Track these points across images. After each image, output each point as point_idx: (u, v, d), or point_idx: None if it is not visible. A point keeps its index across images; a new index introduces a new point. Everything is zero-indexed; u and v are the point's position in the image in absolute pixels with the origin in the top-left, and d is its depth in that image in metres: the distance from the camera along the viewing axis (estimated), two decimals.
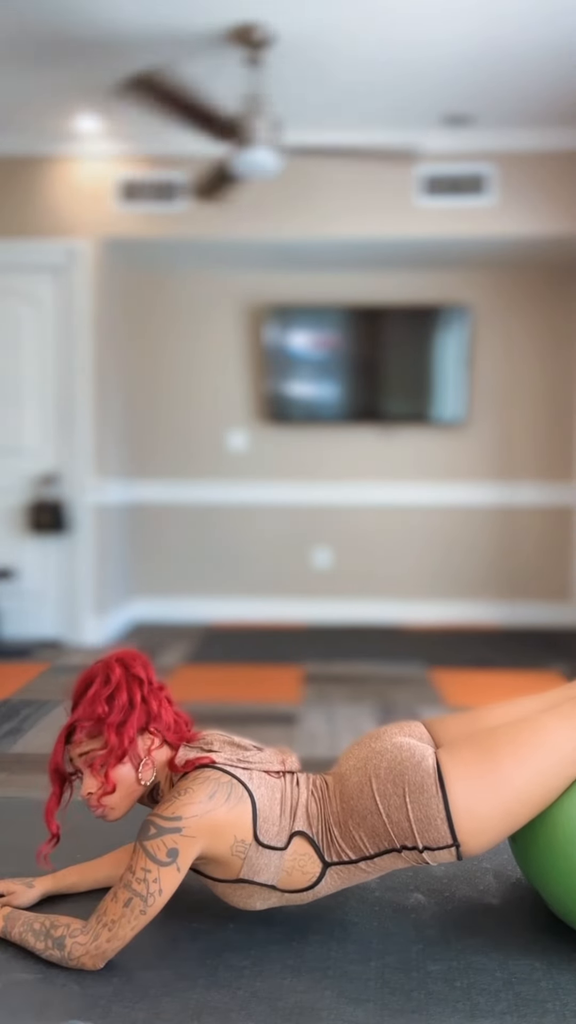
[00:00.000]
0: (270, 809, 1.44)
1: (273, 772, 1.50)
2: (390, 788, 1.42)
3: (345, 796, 1.45)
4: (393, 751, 1.46)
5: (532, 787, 1.40)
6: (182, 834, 1.36)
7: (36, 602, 5.25)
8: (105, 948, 1.36)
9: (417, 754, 1.45)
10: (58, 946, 1.39)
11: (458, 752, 1.44)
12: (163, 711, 1.49)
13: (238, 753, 1.50)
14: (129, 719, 1.45)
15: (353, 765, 1.48)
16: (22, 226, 5.10)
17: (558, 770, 1.41)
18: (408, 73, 4.20)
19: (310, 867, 1.43)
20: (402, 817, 1.40)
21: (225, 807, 1.39)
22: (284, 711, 3.71)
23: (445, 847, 1.40)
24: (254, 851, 1.41)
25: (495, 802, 1.40)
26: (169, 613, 5.99)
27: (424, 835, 1.40)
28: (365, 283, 5.87)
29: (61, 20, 3.72)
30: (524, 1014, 1.28)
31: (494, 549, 5.93)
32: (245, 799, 1.42)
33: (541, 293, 5.84)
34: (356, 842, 1.43)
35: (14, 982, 1.36)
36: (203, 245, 5.26)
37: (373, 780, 1.43)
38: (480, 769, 1.41)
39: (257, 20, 3.72)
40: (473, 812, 1.39)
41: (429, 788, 1.40)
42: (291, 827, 1.44)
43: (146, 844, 1.36)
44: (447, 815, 1.39)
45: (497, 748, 1.43)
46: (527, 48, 3.95)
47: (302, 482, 5.96)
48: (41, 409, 5.21)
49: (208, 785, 1.40)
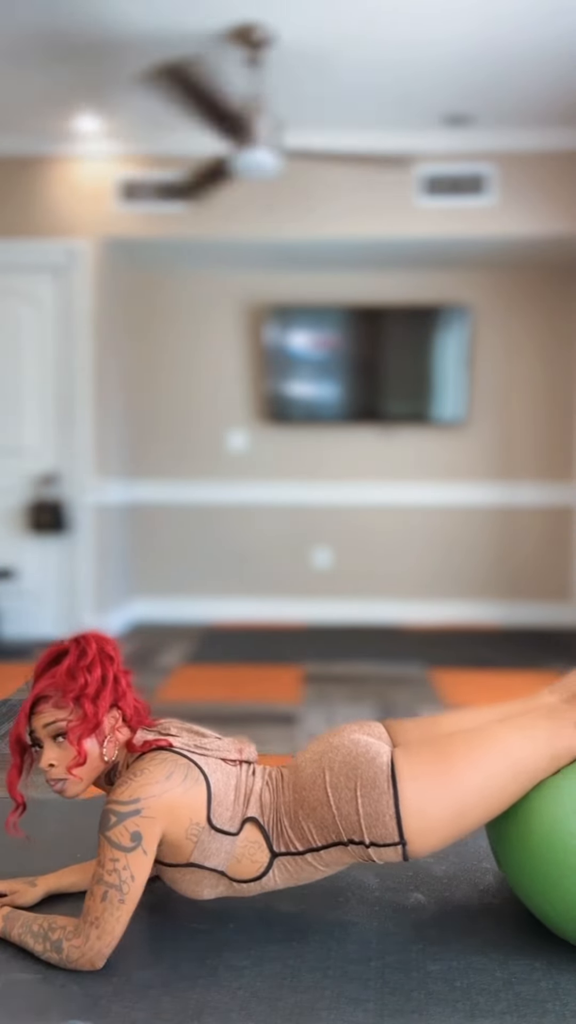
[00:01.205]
0: (224, 794, 1.45)
1: (229, 760, 1.52)
2: (342, 781, 1.44)
3: (298, 787, 1.47)
4: (349, 746, 1.48)
5: (483, 793, 1.42)
6: (142, 815, 1.37)
7: (36, 602, 5.25)
8: (99, 946, 1.37)
9: (372, 751, 1.47)
10: (56, 949, 1.39)
11: (414, 753, 1.46)
12: (128, 693, 1.52)
13: (196, 739, 1.52)
14: (103, 693, 1.47)
15: (309, 758, 1.50)
16: (22, 226, 5.10)
17: (509, 779, 1.43)
18: (408, 73, 4.20)
19: (259, 856, 1.45)
20: (351, 811, 1.42)
21: (181, 788, 1.41)
22: (284, 711, 3.71)
23: (391, 844, 1.42)
24: (207, 835, 1.42)
25: (445, 804, 1.41)
26: (169, 613, 5.99)
27: (372, 830, 1.41)
28: (365, 283, 5.87)
29: (61, 20, 3.72)
30: (524, 1014, 1.28)
31: (494, 549, 5.93)
32: (200, 781, 1.43)
33: (541, 293, 5.84)
34: (305, 833, 1.44)
35: (14, 982, 1.36)
36: (203, 245, 5.26)
37: (327, 772, 1.45)
38: (433, 771, 1.43)
39: (257, 20, 3.72)
40: (422, 812, 1.41)
41: (381, 784, 1.42)
42: (244, 813, 1.45)
43: (108, 834, 1.37)
44: (396, 813, 1.41)
45: (452, 752, 1.45)
46: (527, 48, 3.95)
47: (302, 482, 5.96)
48: (41, 409, 5.21)
49: (165, 766, 1.42)
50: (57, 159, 5.08)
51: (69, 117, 4.72)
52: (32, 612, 5.25)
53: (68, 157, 5.07)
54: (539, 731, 1.46)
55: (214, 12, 3.65)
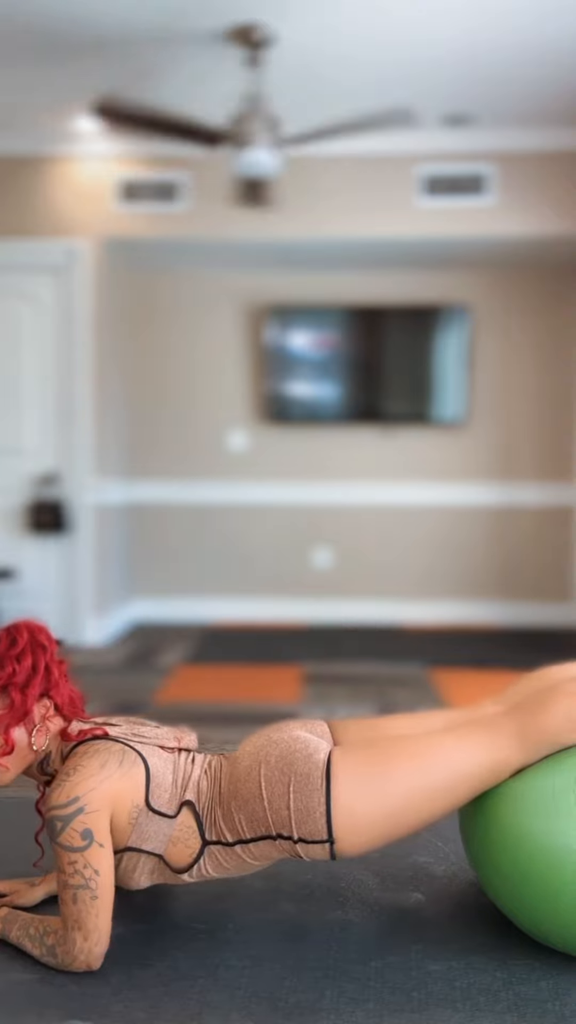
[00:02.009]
0: (163, 776, 1.46)
1: (167, 748, 1.53)
2: (277, 776, 1.44)
3: (233, 778, 1.47)
4: (288, 741, 1.48)
5: (417, 799, 1.42)
6: (86, 812, 1.37)
7: (36, 602, 5.25)
8: (88, 947, 1.37)
9: (311, 747, 1.47)
10: (51, 954, 1.40)
11: (352, 753, 1.46)
12: (61, 682, 1.52)
13: (133, 728, 1.53)
14: (32, 682, 1.47)
15: (248, 751, 1.50)
16: (22, 226, 5.10)
17: (446, 788, 1.43)
18: (408, 73, 4.20)
19: (192, 842, 1.45)
20: (282, 805, 1.42)
21: (119, 773, 1.41)
22: (284, 711, 3.71)
23: (319, 842, 1.42)
24: (145, 816, 1.43)
25: (377, 806, 1.41)
26: (169, 613, 5.99)
27: (301, 826, 1.41)
28: (365, 283, 5.88)
29: (61, 20, 3.72)
30: (524, 1014, 1.28)
31: (494, 549, 5.93)
32: (138, 763, 1.44)
33: (541, 293, 5.84)
34: (235, 824, 1.44)
35: (14, 982, 1.36)
36: (203, 245, 5.26)
37: (262, 766, 1.45)
38: (369, 772, 1.43)
39: (257, 20, 3.72)
40: (353, 812, 1.41)
41: (314, 781, 1.42)
42: (181, 796, 1.46)
43: (59, 840, 1.37)
44: (327, 810, 1.41)
45: (390, 756, 1.45)
46: (527, 48, 3.95)
47: (302, 482, 5.96)
48: (41, 409, 5.21)
49: (98, 757, 1.42)
50: (57, 159, 5.08)
51: (69, 117, 4.72)
52: (32, 612, 5.24)
53: (68, 157, 5.07)
54: (477, 743, 1.45)
55: (214, 12, 3.65)
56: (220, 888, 1.67)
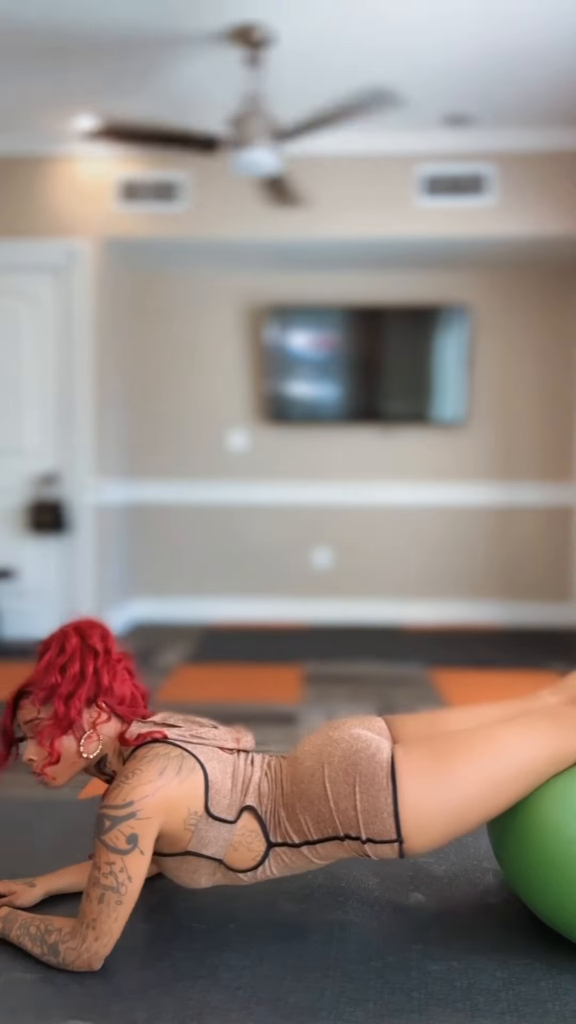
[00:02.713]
0: (222, 782, 1.45)
1: (227, 749, 1.52)
2: (341, 776, 1.43)
3: (296, 779, 1.46)
4: (350, 740, 1.47)
5: (482, 793, 1.42)
6: (137, 818, 1.36)
7: (36, 602, 5.25)
8: (96, 948, 1.36)
9: (372, 746, 1.46)
10: (53, 952, 1.39)
11: (414, 750, 1.46)
12: (116, 684, 1.50)
13: (192, 729, 1.52)
14: (78, 690, 1.47)
15: (308, 751, 1.50)
16: (22, 226, 5.10)
17: (509, 780, 1.43)
18: (408, 73, 4.20)
19: (256, 845, 1.45)
20: (349, 806, 1.42)
21: (176, 781, 1.40)
22: (284, 711, 3.71)
23: (388, 841, 1.41)
24: (204, 823, 1.42)
25: (443, 803, 1.41)
26: (169, 613, 5.99)
27: (369, 827, 1.41)
28: (365, 283, 5.88)
29: (61, 20, 3.72)
30: (524, 1014, 1.28)
31: (494, 549, 5.93)
32: (197, 770, 1.43)
33: (541, 293, 5.84)
34: (301, 825, 1.44)
35: (14, 982, 1.37)
36: (203, 245, 5.26)
37: (326, 767, 1.44)
38: (433, 769, 1.42)
39: (257, 20, 3.72)
40: (420, 810, 1.40)
41: (380, 781, 1.41)
42: (241, 801, 1.45)
43: (104, 838, 1.36)
44: (394, 810, 1.40)
45: (452, 751, 1.44)
46: (527, 49, 3.95)
47: (302, 482, 5.96)
48: (41, 409, 5.21)
49: (157, 762, 1.41)
50: (57, 159, 5.08)
51: (69, 117, 4.72)
52: (32, 612, 5.25)
53: (68, 157, 5.07)
54: (541, 733, 1.46)
55: (214, 12, 3.65)
56: (221, 888, 1.67)
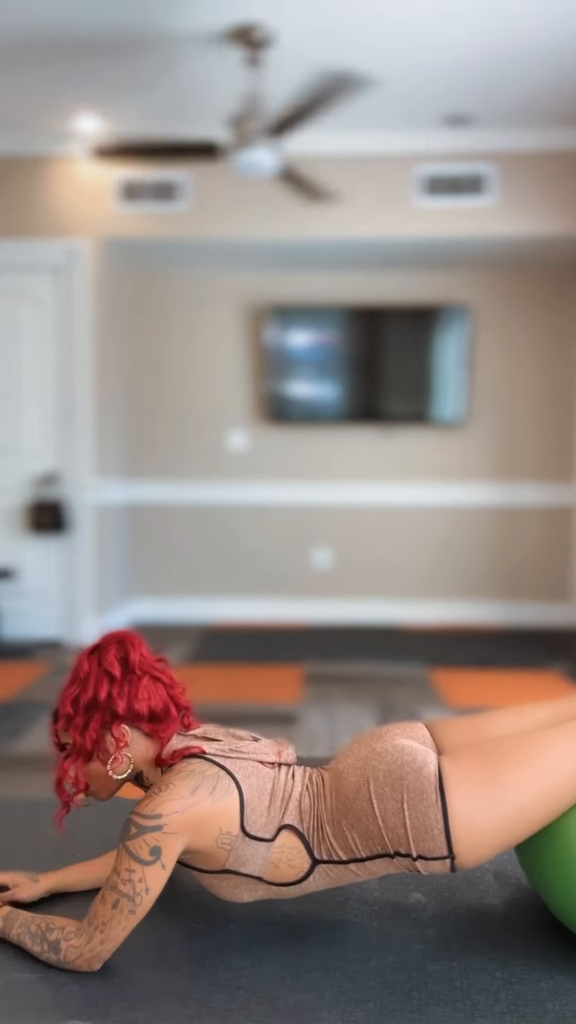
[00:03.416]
0: (259, 800, 1.42)
1: (267, 763, 1.48)
2: (388, 792, 1.38)
3: (341, 795, 1.42)
4: (394, 753, 1.42)
5: (534, 805, 1.37)
6: (163, 832, 1.34)
7: (36, 602, 5.25)
8: (99, 950, 1.36)
9: (419, 759, 1.41)
10: (53, 950, 1.39)
11: (462, 761, 1.40)
12: (139, 703, 1.46)
13: (232, 743, 1.48)
14: (92, 720, 1.44)
15: (351, 764, 1.45)
16: (22, 226, 5.10)
17: (561, 790, 1.38)
18: (408, 74, 4.20)
19: (298, 862, 1.41)
20: (398, 823, 1.37)
21: (209, 800, 1.37)
22: (284, 711, 3.71)
23: (440, 858, 1.37)
24: (240, 842, 1.39)
25: (495, 816, 1.36)
26: (169, 613, 5.99)
27: (419, 844, 1.37)
28: (365, 283, 5.88)
29: (61, 20, 3.72)
30: (524, 1014, 1.28)
31: (494, 549, 5.93)
32: (232, 790, 1.40)
33: (541, 293, 5.84)
34: (348, 843, 1.40)
35: (14, 982, 1.36)
36: (203, 245, 5.26)
37: (371, 782, 1.40)
38: (483, 781, 1.37)
39: (257, 20, 3.72)
40: (472, 825, 1.36)
41: (429, 796, 1.37)
42: (280, 819, 1.42)
43: (128, 844, 1.35)
44: (445, 826, 1.36)
45: (502, 761, 1.39)
46: (527, 49, 3.95)
47: (302, 482, 5.96)
48: (41, 409, 5.21)
49: (191, 779, 1.39)
50: (57, 159, 5.08)
51: (69, 117, 4.72)
52: (32, 612, 5.25)
53: (68, 157, 5.07)
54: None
55: (214, 12, 3.65)
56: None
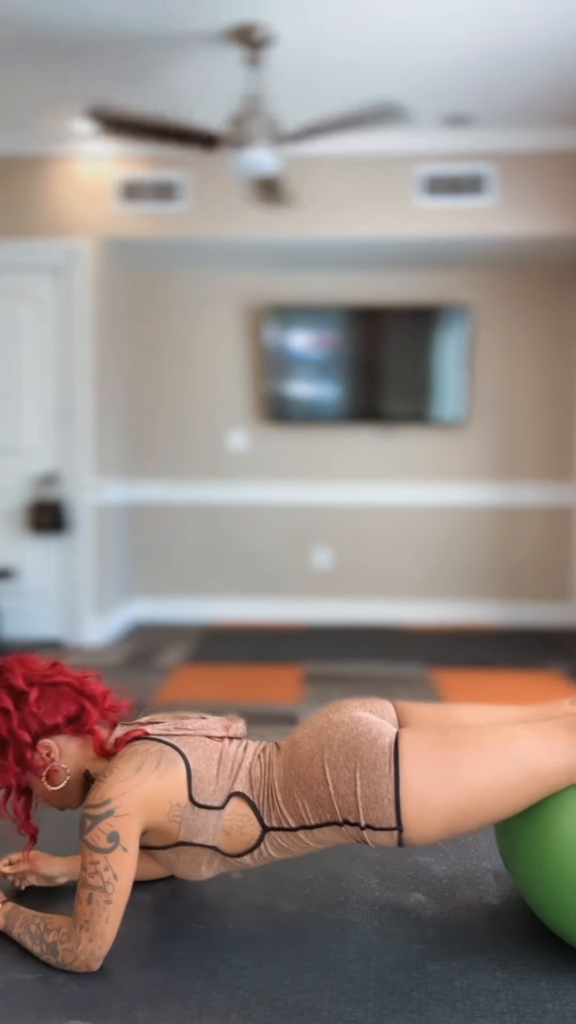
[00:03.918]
0: (206, 769, 1.44)
1: (215, 737, 1.50)
2: (342, 760, 1.39)
3: (294, 763, 1.43)
4: (350, 724, 1.43)
5: (488, 792, 1.36)
6: (115, 815, 1.36)
7: (36, 602, 5.25)
8: (91, 949, 1.36)
9: (375, 731, 1.42)
10: (51, 952, 1.40)
11: (422, 737, 1.40)
12: (47, 718, 1.49)
13: (176, 723, 1.50)
14: (6, 758, 1.48)
15: (307, 733, 1.46)
16: (22, 226, 5.10)
17: (517, 784, 1.37)
18: (408, 73, 4.20)
19: (249, 829, 1.43)
20: (349, 791, 1.38)
21: (155, 775, 1.40)
22: (284, 711, 3.71)
23: (387, 829, 1.37)
24: (190, 812, 1.41)
25: (447, 796, 1.36)
26: (169, 613, 5.99)
27: (369, 813, 1.37)
28: (365, 283, 5.88)
29: (61, 20, 3.72)
30: (524, 1014, 1.28)
31: (494, 549, 5.93)
32: (177, 761, 1.42)
33: (541, 293, 5.84)
34: (298, 810, 1.41)
35: (14, 982, 1.36)
36: (203, 245, 5.26)
37: (325, 751, 1.41)
38: (440, 759, 1.37)
39: (257, 20, 3.72)
40: (423, 799, 1.36)
41: (382, 767, 1.37)
42: (230, 787, 1.43)
43: (86, 838, 1.37)
44: (396, 797, 1.36)
45: (461, 744, 1.38)
46: (527, 49, 3.95)
47: (302, 482, 5.96)
48: (41, 409, 5.21)
49: (135, 759, 1.41)
50: (57, 159, 5.08)
51: (69, 117, 4.72)
52: (32, 612, 5.25)
53: (68, 157, 5.07)
54: (558, 742, 1.39)
55: (214, 12, 3.65)
56: (220, 888, 1.67)
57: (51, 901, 1.64)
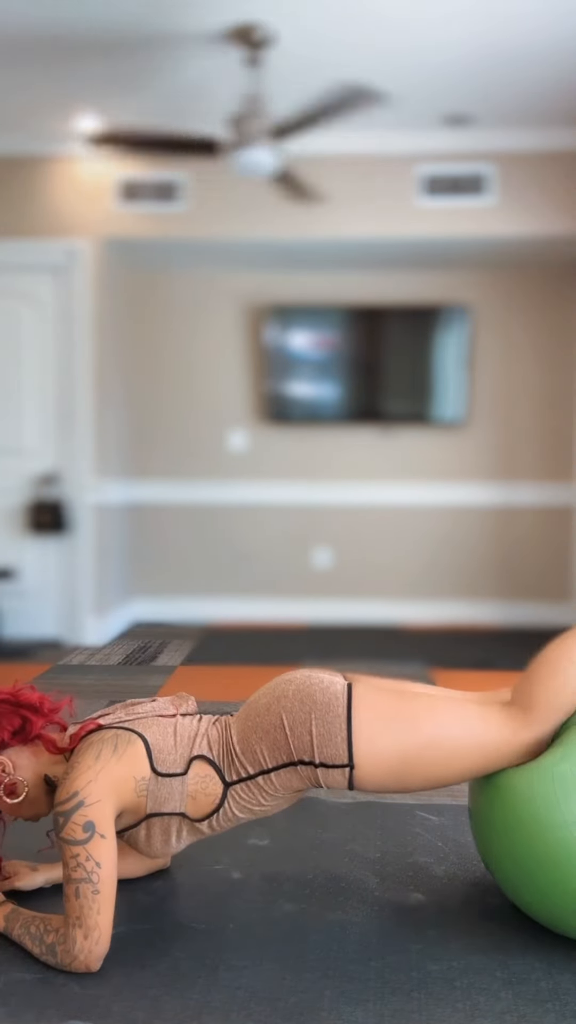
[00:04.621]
0: (164, 740, 1.49)
1: (167, 715, 1.56)
2: (297, 707, 1.48)
3: (251, 716, 1.51)
4: (303, 678, 1.54)
5: (436, 748, 1.45)
6: (86, 805, 1.39)
7: (36, 602, 5.25)
8: (88, 946, 1.36)
9: (326, 680, 1.52)
10: (51, 952, 1.40)
11: (373, 688, 1.51)
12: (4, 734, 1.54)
13: (127, 710, 1.56)
14: None
15: (262, 692, 1.56)
16: (22, 226, 5.10)
17: (461, 746, 1.45)
18: (408, 73, 4.20)
19: (212, 788, 1.48)
20: (304, 731, 1.46)
21: (115, 758, 1.44)
22: None
23: (339, 766, 1.45)
24: (155, 783, 1.46)
25: (397, 741, 1.45)
26: (169, 613, 5.99)
27: (322, 750, 1.45)
28: (365, 283, 5.88)
29: (61, 20, 3.72)
30: (524, 1014, 1.28)
31: (494, 549, 5.93)
32: (134, 740, 1.47)
33: (541, 293, 5.84)
34: (256, 756, 1.48)
35: (14, 982, 1.37)
36: (203, 245, 5.26)
37: (281, 700, 1.50)
38: (391, 709, 1.47)
39: (257, 20, 3.72)
40: (373, 742, 1.45)
41: (335, 708, 1.47)
42: (190, 752, 1.50)
43: (62, 836, 1.39)
44: (348, 735, 1.45)
45: (411, 700, 1.49)
46: (527, 49, 3.95)
47: (302, 482, 5.96)
48: (41, 409, 5.21)
49: (91, 749, 1.45)
50: (57, 159, 5.08)
51: (69, 117, 4.72)
52: (32, 612, 5.25)
53: (68, 157, 5.07)
54: (496, 719, 1.48)
55: (214, 12, 3.65)
56: (220, 888, 1.67)
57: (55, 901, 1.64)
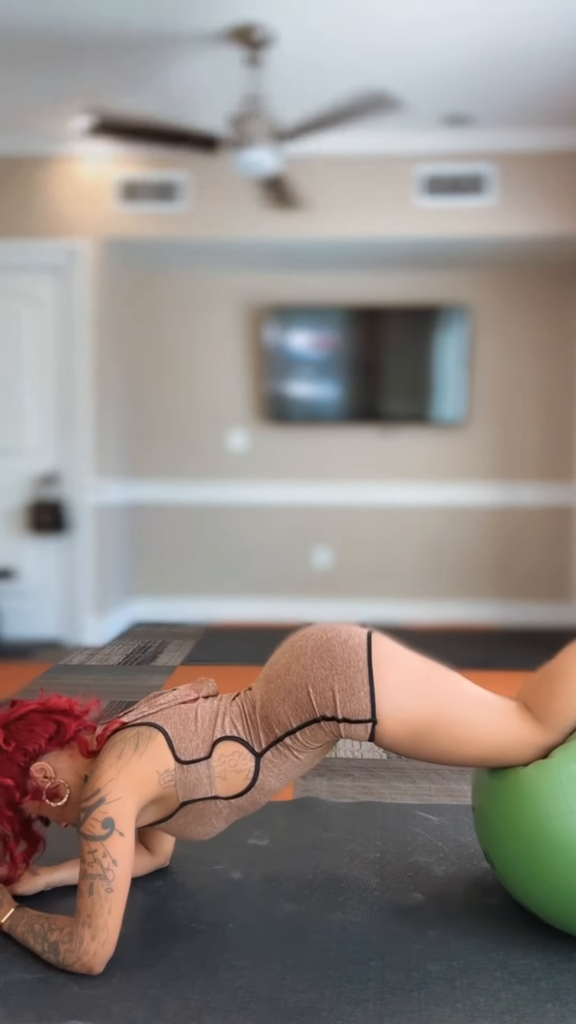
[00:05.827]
0: (184, 728, 1.50)
1: (188, 701, 1.57)
2: (317, 663, 1.48)
3: (272, 680, 1.51)
4: (319, 632, 1.53)
5: (453, 717, 1.45)
6: (107, 802, 1.40)
7: (36, 602, 5.25)
8: (94, 948, 1.36)
9: (344, 633, 1.51)
10: (53, 952, 1.40)
11: (402, 649, 1.51)
12: (29, 745, 1.54)
13: (150, 703, 1.57)
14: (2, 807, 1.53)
15: (280, 652, 1.56)
16: (22, 226, 5.10)
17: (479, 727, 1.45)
18: (408, 73, 4.20)
19: (243, 764, 1.48)
20: (326, 688, 1.46)
21: (135, 755, 1.45)
22: None
23: (363, 721, 1.45)
24: (180, 772, 1.46)
25: (420, 703, 1.44)
26: (169, 613, 5.99)
27: (345, 706, 1.45)
28: (365, 283, 5.88)
29: (60, 20, 3.72)
30: (524, 1014, 1.28)
31: (494, 549, 5.93)
32: (155, 735, 1.48)
33: (541, 293, 5.84)
34: (281, 717, 1.48)
35: (14, 982, 1.36)
36: (203, 245, 5.26)
37: (300, 658, 1.50)
38: (422, 675, 1.47)
39: (257, 20, 3.72)
40: (396, 697, 1.44)
41: (356, 663, 1.46)
42: (212, 736, 1.49)
43: (82, 830, 1.40)
44: (371, 689, 1.44)
45: (447, 677, 1.49)
46: (527, 49, 3.95)
47: (302, 482, 5.96)
48: (41, 409, 5.21)
49: (114, 749, 1.46)
50: (57, 159, 5.08)
51: (69, 117, 4.72)
52: (32, 612, 5.25)
53: (68, 157, 5.07)
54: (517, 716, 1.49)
55: (214, 12, 3.65)
56: (220, 888, 1.67)
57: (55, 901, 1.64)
